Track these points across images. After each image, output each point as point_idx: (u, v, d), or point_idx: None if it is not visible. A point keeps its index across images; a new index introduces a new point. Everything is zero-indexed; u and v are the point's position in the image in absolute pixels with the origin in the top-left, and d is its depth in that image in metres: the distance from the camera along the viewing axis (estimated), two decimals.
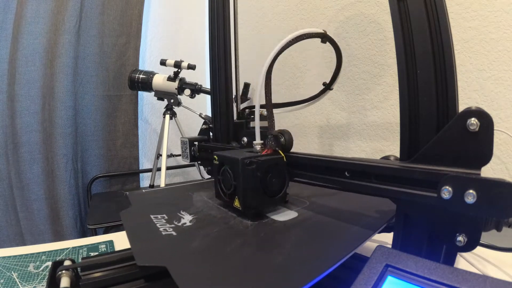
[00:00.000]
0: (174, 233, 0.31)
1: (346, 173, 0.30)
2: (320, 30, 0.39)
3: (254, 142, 0.38)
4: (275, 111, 0.51)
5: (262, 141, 0.38)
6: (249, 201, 0.34)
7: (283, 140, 0.36)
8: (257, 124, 0.38)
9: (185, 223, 0.34)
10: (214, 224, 0.34)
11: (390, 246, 0.23)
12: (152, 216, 0.36)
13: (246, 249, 0.28)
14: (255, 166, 0.33)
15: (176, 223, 0.34)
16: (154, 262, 0.26)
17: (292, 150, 0.37)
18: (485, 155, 0.21)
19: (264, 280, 0.23)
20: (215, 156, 0.39)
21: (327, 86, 0.45)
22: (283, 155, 0.36)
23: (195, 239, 0.30)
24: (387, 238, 0.36)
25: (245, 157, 0.34)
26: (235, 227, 0.33)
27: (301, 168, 0.35)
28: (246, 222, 0.34)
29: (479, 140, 0.21)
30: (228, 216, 0.36)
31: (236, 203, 0.35)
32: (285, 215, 0.35)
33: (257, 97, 0.38)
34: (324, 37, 0.40)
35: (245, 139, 0.46)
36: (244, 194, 0.34)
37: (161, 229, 0.32)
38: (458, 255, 0.25)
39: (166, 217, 0.36)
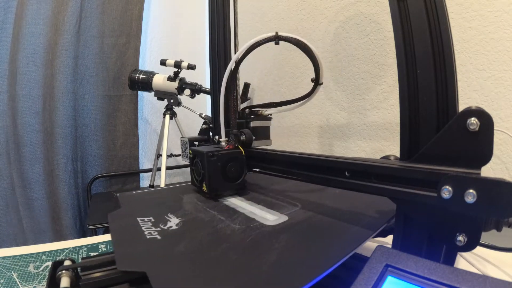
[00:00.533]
0: (158, 237, 0.31)
1: (346, 172, 0.30)
2: (271, 34, 0.42)
3: (220, 139, 0.48)
4: (272, 110, 0.51)
5: (226, 138, 0.47)
6: (212, 185, 0.42)
7: (243, 138, 0.45)
8: (222, 124, 0.47)
9: (171, 227, 0.34)
10: (201, 227, 0.33)
11: (390, 246, 0.23)
12: (138, 219, 0.36)
13: (231, 254, 0.27)
14: (216, 158, 0.42)
15: (162, 226, 0.34)
16: (134, 267, 0.25)
17: (289, 149, 0.40)
18: (485, 155, 0.21)
19: (249, 285, 0.22)
20: (189, 151, 0.48)
21: (316, 82, 0.46)
22: (242, 150, 0.44)
23: (179, 243, 0.29)
24: (387, 238, 0.36)
25: (209, 151, 0.42)
26: (222, 231, 0.32)
27: (259, 160, 0.44)
28: (233, 226, 0.33)
29: (479, 140, 0.21)
30: (216, 219, 0.35)
31: (204, 188, 0.43)
32: (274, 219, 0.34)
33: (221, 104, 0.47)
34: (277, 38, 0.42)
35: (217, 137, 0.53)
36: (209, 180, 0.42)
37: (146, 233, 0.32)
38: (458, 255, 0.25)
39: (152, 220, 0.35)
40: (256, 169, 0.45)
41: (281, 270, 0.24)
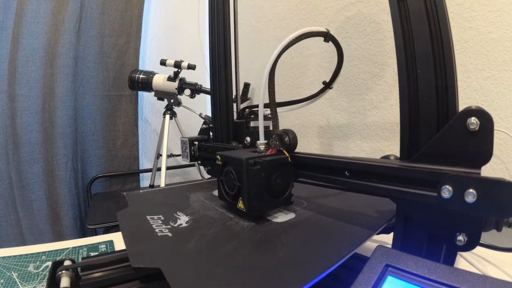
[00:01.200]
0: (169, 234, 0.31)
1: (346, 172, 0.29)
2: (323, 29, 0.38)
3: (258, 142, 0.38)
4: None
5: (266, 141, 0.38)
6: (254, 203, 0.33)
7: (287, 140, 0.36)
8: (260, 123, 0.38)
9: (181, 224, 0.34)
10: (210, 225, 0.34)
11: (390, 246, 0.23)
12: (148, 217, 0.36)
13: (242, 251, 0.27)
14: (260, 167, 0.32)
15: (172, 224, 0.34)
16: (148, 263, 0.26)
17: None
18: (485, 155, 0.21)
19: (257, 282, 0.22)
20: (218, 156, 0.38)
21: (327, 85, 0.45)
22: (287, 155, 0.35)
23: (190, 240, 0.30)
24: (387, 238, 0.36)
25: (250, 157, 0.33)
26: (231, 228, 0.32)
27: (305, 168, 0.35)
28: (242, 223, 0.33)
29: (479, 140, 0.21)
30: (225, 217, 0.36)
31: (240, 205, 0.35)
32: (282, 216, 0.35)
33: (261, 96, 0.37)
34: (327, 36, 0.39)
35: (248, 138, 0.45)
36: (249, 195, 0.33)
37: (156, 230, 0.32)
38: (458, 255, 0.25)
39: (162, 218, 0.36)
40: (301, 179, 0.36)
41: (287, 269, 0.24)
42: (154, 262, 0.25)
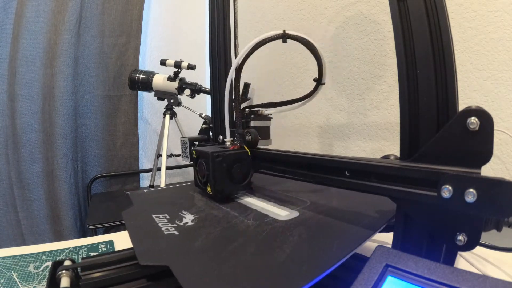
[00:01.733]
0: (176, 233, 0.32)
1: (346, 172, 0.30)
2: (279, 31, 0.41)
3: (225, 139, 0.46)
4: (272, 110, 0.51)
5: (231, 139, 0.45)
6: (218, 187, 0.41)
7: (249, 138, 0.43)
8: (226, 124, 0.46)
9: (187, 223, 0.34)
10: (216, 223, 0.34)
11: (390, 246, 0.23)
12: (153, 216, 0.37)
13: (247, 249, 0.28)
14: (222, 159, 0.40)
15: (178, 222, 0.34)
16: (156, 261, 0.26)
17: (289, 149, 0.39)
18: (485, 154, 0.21)
19: (266, 279, 0.23)
20: (193, 151, 0.46)
21: (318, 81, 0.45)
22: (247, 150, 0.43)
23: (197, 239, 0.30)
24: (387, 238, 0.36)
25: (215, 151, 0.40)
26: (236, 226, 0.33)
27: (266, 161, 0.42)
28: (247, 222, 0.34)
29: (479, 139, 0.21)
30: (229, 215, 0.36)
31: (209, 189, 0.42)
32: (286, 215, 0.35)
33: (225, 103, 0.46)
34: (284, 37, 0.41)
35: (221, 137, 0.52)
36: (214, 181, 0.41)
37: (163, 229, 0.32)
38: (458, 255, 0.25)
39: (168, 217, 0.36)
40: (262, 170, 0.43)
41: (291, 267, 0.24)
42: (162, 260, 0.26)
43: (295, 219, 0.34)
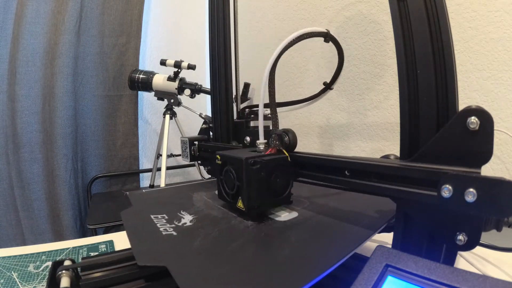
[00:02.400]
0: (174, 233, 0.31)
1: (346, 172, 0.30)
2: (323, 29, 0.39)
3: (257, 141, 0.38)
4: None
5: (265, 141, 0.38)
6: (253, 202, 0.33)
7: (287, 139, 0.36)
8: (260, 122, 0.38)
9: (185, 223, 0.34)
10: (215, 224, 0.34)
11: (390, 246, 0.23)
12: (152, 216, 0.36)
13: (246, 249, 0.28)
14: (260, 166, 0.32)
15: (176, 223, 0.34)
16: (154, 262, 0.26)
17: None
18: (485, 154, 0.21)
19: (265, 280, 0.23)
20: (217, 156, 0.38)
21: (328, 86, 0.45)
22: (287, 154, 0.35)
23: (195, 239, 0.30)
24: (387, 238, 0.36)
25: (249, 157, 0.33)
26: (235, 227, 0.33)
27: (305, 167, 0.35)
28: (246, 222, 0.34)
29: (479, 139, 0.21)
30: (228, 216, 0.36)
31: (240, 204, 0.35)
32: (285, 215, 0.35)
33: (261, 96, 0.37)
34: (327, 36, 0.40)
35: (247, 138, 0.45)
36: (248, 194, 0.33)
37: (161, 229, 0.32)
38: (458, 255, 0.25)
39: (166, 217, 0.36)
40: (301, 178, 0.36)
41: (290, 268, 0.24)
42: (160, 261, 0.26)
43: (294, 219, 0.34)
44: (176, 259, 0.26)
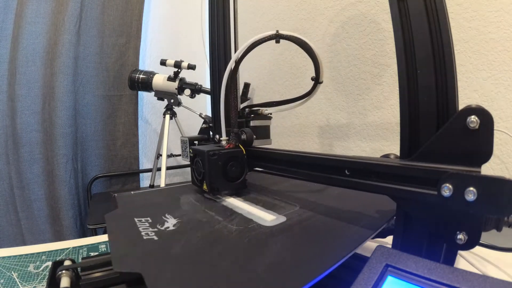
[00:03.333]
0: (155, 238, 0.30)
1: (346, 171, 0.30)
2: (272, 32, 0.42)
3: (221, 138, 0.47)
4: (272, 110, 0.52)
5: (227, 137, 0.46)
6: (213, 185, 0.42)
7: (244, 137, 0.45)
8: (222, 123, 0.46)
9: (168, 227, 0.33)
10: (198, 228, 0.33)
11: (390, 246, 0.23)
12: (136, 219, 0.35)
13: (227, 256, 0.26)
14: (217, 157, 0.41)
15: (159, 227, 0.33)
16: (130, 268, 0.25)
17: (287, 148, 0.40)
18: (485, 153, 0.21)
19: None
20: (190, 149, 0.47)
21: (316, 80, 0.46)
22: (243, 149, 0.44)
23: (176, 245, 0.29)
24: (387, 238, 0.36)
25: (210, 150, 0.42)
26: (219, 232, 0.32)
27: (259, 160, 0.44)
28: (230, 227, 0.33)
29: (479, 138, 0.21)
30: (213, 220, 0.35)
31: (204, 187, 0.43)
32: (272, 220, 0.34)
33: (221, 102, 0.46)
34: (277, 37, 0.42)
35: (217, 136, 0.53)
36: (209, 179, 0.42)
37: (143, 233, 0.31)
38: (458, 255, 0.25)
39: (150, 221, 0.35)
40: (257, 168, 0.45)
41: (277, 271, 0.23)
42: (136, 267, 0.24)
43: (281, 224, 0.33)
44: (153, 265, 0.25)
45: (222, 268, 0.25)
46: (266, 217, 0.35)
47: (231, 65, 0.44)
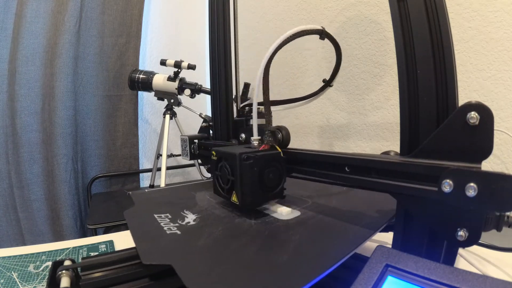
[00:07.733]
0: (178, 232, 0.32)
1: (346, 168, 0.29)
2: (318, 27, 0.39)
3: (252, 138, 0.39)
4: (274, 109, 0.51)
5: (259, 137, 0.39)
6: (246, 196, 0.34)
7: (280, 136, 0.37)
8: (254, 120, 0.39)
9: (189, 222, 0.34)
10: (218, 223, 0.34)
11: (390, 246, 0.23)
12: (155, 215, 0.37)
13: (249, 248, 0.28)
14: (253, 161, 0.33)
15: (180, 222, 0.34)
16: (159, 260, 0.26)
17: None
18: (486, 149, 0.21)
19: (266, 279, 0.23)
20: (213, 152, 0.39)
21: (327, 83, 0.45)
22: (280, 150, 0.36)
23: (199, 238, 0.30)
24: (387, 238, 0.36)
25: (243, 152, 0.34)
26: (239, 225, 0.33)
27: (298, 163, 0.36)
28: (249, 221, 0.34)
29: (479, 134, 0.21)
30: (231, 215, 0.36)
31: (234, 198, 0.35)
32: (288, 214, 0.35)
33: (255, 93, 0.39)
34: (322, 34, 0.40)
35: (243, 135, 0.45)
36: (242, 189, 0.34)
37: (165, 228, 0.33)
38: (458, 255, 0.25)
39: (170, 216, 0.36)
40: (295, 174, 0.37)
41: (283, 269, 0.24)
42: (165, 259, 0.26)
43: (296, 218, 0.34)
44: (181, 257, 0.26)
45: (245, 259, 0.26)
46: (282, 211, 0.36)
47: (270, 52, 0.39)
